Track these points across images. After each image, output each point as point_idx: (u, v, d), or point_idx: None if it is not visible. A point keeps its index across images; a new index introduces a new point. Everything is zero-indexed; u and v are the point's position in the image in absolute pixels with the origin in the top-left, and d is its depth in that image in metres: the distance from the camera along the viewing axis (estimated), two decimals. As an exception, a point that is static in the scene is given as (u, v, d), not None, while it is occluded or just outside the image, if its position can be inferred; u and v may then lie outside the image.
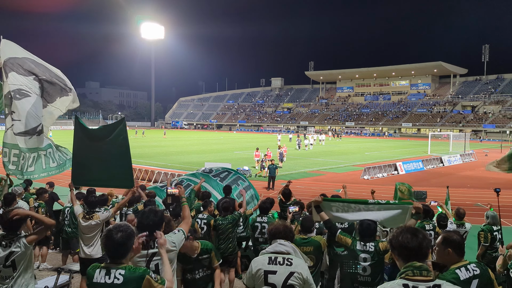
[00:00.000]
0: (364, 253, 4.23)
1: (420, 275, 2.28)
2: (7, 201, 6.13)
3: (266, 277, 3.31)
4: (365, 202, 5.00)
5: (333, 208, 5.01)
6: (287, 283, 3.26)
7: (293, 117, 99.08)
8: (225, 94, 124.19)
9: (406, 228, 2.52)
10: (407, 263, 2.37)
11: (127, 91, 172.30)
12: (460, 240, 3.16)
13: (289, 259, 3.34)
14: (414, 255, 2.39)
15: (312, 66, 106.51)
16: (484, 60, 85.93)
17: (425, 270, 2.30)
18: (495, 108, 75.95)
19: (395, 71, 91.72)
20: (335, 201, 5.13)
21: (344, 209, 4.96)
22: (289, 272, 3.28)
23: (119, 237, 2.83)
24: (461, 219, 6.92)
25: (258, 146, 26.50)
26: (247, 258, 7.67)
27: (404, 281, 2.27)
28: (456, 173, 24.72)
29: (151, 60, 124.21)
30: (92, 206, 5.85)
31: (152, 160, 27.35)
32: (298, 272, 3.28)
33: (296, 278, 3.27)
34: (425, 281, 2.26)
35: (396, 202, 5.05)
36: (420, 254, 2.40)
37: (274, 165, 17.92)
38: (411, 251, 2.40)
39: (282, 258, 3.34)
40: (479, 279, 3.04)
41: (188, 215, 3.95)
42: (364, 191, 17.27)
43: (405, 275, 2.30)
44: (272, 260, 3.35)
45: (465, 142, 38.57)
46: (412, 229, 2.51)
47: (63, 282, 6.00)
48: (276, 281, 3.28)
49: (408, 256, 2.40)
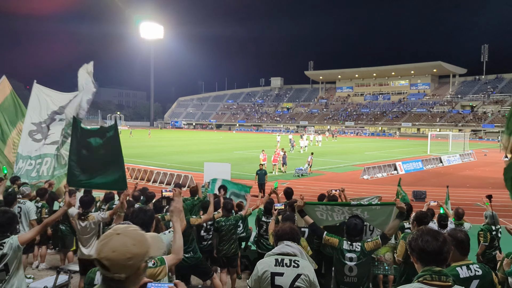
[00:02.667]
0: (351, 252, 4.22)
1: (438, 280, 2.21)
2: (7, 202, 6.12)
3: (273, 279, 3.28)
4: (348, 204, 5.07)
5: (317, 212, 5.06)
6: (294, 285, 3.24)
7: (293, 117, 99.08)
8: (224, 94, 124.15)
9: (427, 231, 2.43)
10: (426, 267, 2.30)
11: (126, 91, 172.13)
12: (463, 239, 3.19)
13: (296, 261, 3.32)
14: (433, 259, 2.31)
15: (311, 66, 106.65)
16: (484, 60, 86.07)
17: (444, 276, 2.23)
18: (494, 108, 76.02)
19: (394, 71, 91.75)
20: (318, 205, 5.18)
21: (328, 212, 5.01)
22: (296, 274, 3.26)
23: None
24: (460, 219, 6.93)
25: (257, 146, 26.51)
26: (247, 258, 7.68)
27: (421, 285, 2.21)
28: (455, 172, 24.74)
29: (150, 60, 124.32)
30: (87, 206, 5.78)
31: (152, 160, 27.33)
32: (305, 274, 3.27)
33: (303, 280, 3.26)
34: (444, 287, 2.19)
35: (378, 203, 5.07)
36: (440, 259, 2.33)
37: (263, 171, 16.46)
38: (430, 255, 2.32)
39: (289, 260, 3.32)
40: (480, 280, 3.03)
41: (182, 217, 3.97)
42: (364, 191, 17.28)
43: (423, 278, 2.23)
44: (278, 262, 3.32)
45: (464, 142, 38.61)
46: (433, 231, 2.42)
47: (62, 282, 6.00)
48: (283, 283, 3.26)
49: (427, 260, 2.33)
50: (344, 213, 4.90)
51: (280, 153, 22.85)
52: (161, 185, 18.13)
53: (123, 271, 1.63)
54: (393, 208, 4.60)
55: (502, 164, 18.13)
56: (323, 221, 5.08)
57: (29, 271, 7.42)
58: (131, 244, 1.64)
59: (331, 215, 5.05)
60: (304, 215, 4.72)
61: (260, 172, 16.16)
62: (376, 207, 4.92)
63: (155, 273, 2.91)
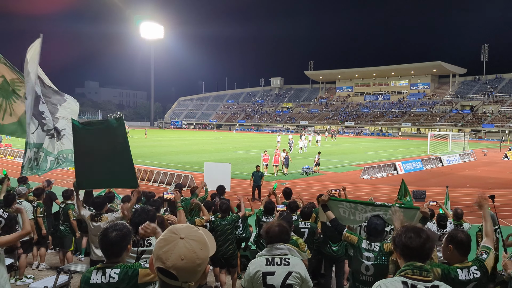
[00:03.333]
0: (369, 252, 4.24)
1: (419, 274, 2.28)
2: (7, 201, 6.13)
3: (265, 278, 3.33)
4: (371, 204, 5.01)
5: (340, 209, 5.02)
6: (286, 283, 3.29)
7: (293, 116, 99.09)
8: (224, 94, 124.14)
9: (411, 228, 2.51)
10: (408, 262, 2.38)
11: (126, 90, 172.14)
12: (464, 240, 3.21)
13: (287, 259, 3.36)
14: (416, 255, 2.38)
15: (311, 66, 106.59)
16: (483, 60, 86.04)
17: (425, 271, 2.30)
18: (494, 107, 76.01)
19: (394, 71, 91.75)
20: (342, 201, 5.14)
21: (351, 210, 4.97)
22: (287, 272, 3.30)
23: (114, 236, 2.87)
24: (459, 219, 6.93)
25: (257, 146, 26.50)
26: (246, 258, 7.70)
27: (403, 278, 2.28)
28: (455, 172, 24.74)
29: (151, 60, 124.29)
30: (99, 207, 5.76)
31: (152, 160, 27.34)
32: (296, 271, 3.31)
33: (294, 278, 3.30)
34: (424, 281, 2.26)
35: (403, 205, 5.04)
36: (422, 255, 2.39)
37: (259, 172, 15.95)
38: (412, 250, 2.39)
39: (279, 259, 3.36)
40: (477, 282, 3.09)
41: (184, 219, 3.98)
42: (364, 191, 17.29)
43: (405, 273, 2.30)
44: (269, 261, 3.37)
45: (464, 142, 38.61)
46: (416, 229, 2.50)
47: (63, 282, 6.00)
48: (274, 282, 3.30)
49: (409, 256, 2.40)
50: (367, 212, 4.87)
51: (281, 154, 22.66)
52: (161, 185, 18.14)
53: (193, 278, 1.51)
54: (416, 212, 4.59)
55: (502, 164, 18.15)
56: (344, 218, 5.05)
57: (29, 271, 7.44)
58: (199, 249, 1.50)
59: (354, 214, 5.01)
60: (327, 210, 4.70)
61: (256, 174, 15.75)
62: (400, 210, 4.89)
63: (151, 273, 2.90)
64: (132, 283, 2.83)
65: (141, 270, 2.87)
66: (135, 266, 2.91)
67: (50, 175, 10.12)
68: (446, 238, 3.32)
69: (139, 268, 2.89)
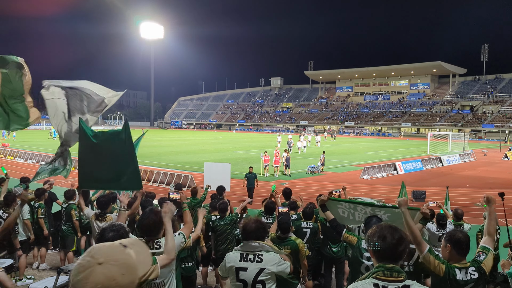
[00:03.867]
0: (368, 252, 4.23)
1: (390, 276, 2.25)
2: (7, 201, 6.13)
3: (238, 273, 3.41)
4: (371, 205, 4.98)
5: (339, 209, 4.99)
6: (258, 279, 3.35)
7: (293, 116, 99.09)
8: (224, 94, 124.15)
9: (385, 227, 2.44)
10: (379, 263, 2.34)
11: (126, 90, 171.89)
12: (462, 240, 3.22)
13: (260, 255, 3.41)
14: (387, 257, 2.33)
15: (311, 65, 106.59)
16: (483, 60, 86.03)
17: (396, 271, 2.27)
18: (494, 108, 76.01)
19: (394, 71, 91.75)
20: (341, 202, 5.11)
21: (350, 211, 4.94)
22: (259, 269, 3.36)
23: (111, 236, 2.85)
24: (459, 219, 6.94)
25: (257, 146, 26.49)
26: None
27: (374, 280, 2.25)
28: (455, 173, 24.75)
29: (151, 60, 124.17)
30: (104, 207, 5.75)
31: (152, 160, 27.33)
32: (268, 267, 3.37)
33: (266, 274, 3.36)
34: (395, 281, 2.23)
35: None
36: (394, 256, 2.34)
37: (253, 174, 15.44)
38: (384, 252, 2.34)
39: (253, 255, 3.43)
40: (474, 283, 3.11)
41: (190, 220, 3.96)
42: (364, 191, 17.29)
43: (376, 275, 2.28)
44: (243, 257, 3.44)
45: (464, 142, 38.62)
46: (390, 229, 2.41)
47: (63, 283, 6.00)
48: (246, 278, 3.37)
49: (381, 257, 2.35)
50: (367, 213, 4.84)
51: (283, 154, 22.57)
52: (161, 185, 18.15)
53: None
54: (416, 213, 4.58)
55: (501, 164, 18.18)
56: (344, 218, 5.02)
57: (29, 271, 7.44)
58: (120, 275, 1.30)
59: (353, 214, 4.98)
60: (326, 210, 4.69)
61: (250, 175, 15.30)
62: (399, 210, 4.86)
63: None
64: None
65: None
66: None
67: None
68: (445, 237, 3.35)
69: None
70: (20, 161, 27.28)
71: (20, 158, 27.91)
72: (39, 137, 50.84)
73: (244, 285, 3.39)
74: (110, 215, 5.65)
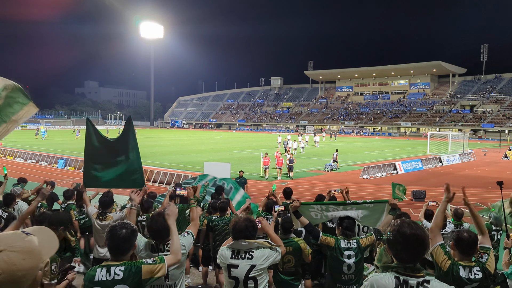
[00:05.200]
0: (349, 250, 4.34)
1: (411, 271, 2.32)
2: (6, 201, 6.12)
3: (229, 270, 3.44)
4: (343, 204, 5.16)
5: (312, 212, 5.10)
6: (249, 275, 3.39)
7: (293, 116, 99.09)
8: (224, 94, 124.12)
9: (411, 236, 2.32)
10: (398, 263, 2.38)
11: (126, 90, 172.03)
12: (466, 239, 3.28)
13: (251, 252, 3.45)
14: (409, 261, 2.35)
15: (311, 65, 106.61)
16: (483, 60, 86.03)
17: (416, 270, 2.34)
18: (493, 107, 76.02)
19: (394, 71, 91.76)
20: (313, 205, 5.21)
21: (323, 213, 5.08)
22: (250, 265, 3.40)
23: (124, 233, 2.90)
24: (459, 219, 6.92)
25: (257, 145, 26.47)
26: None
27: (396, 274, 2.32)
28: (455, 172, 24.76)
29: (151, 60, 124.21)
30: (106, 206, 5.75)
31: (152, 160, 27.32)
32: (259, 264, 3.41)
33: (257, 270, 3.40)
34: (416, 277, 2.30)
35: (372, 201, 5.14)
36: (415, 261, 2.36)
37: (243, 179, 14.88)
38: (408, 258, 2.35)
39: (244, 252, 3.46)
40: (479, 283, 3.14)
41: (197, 217, 3.92)
42: (364, 190, 17.29)
43: (397, 269, 2.35)
44: (235, 254, 3.47)
45: (464, 142, 38.62)
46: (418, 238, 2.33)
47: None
48: (238, 275, 3.41)
49: (402, 260, 2.36)
50: (339, 210, 4.98)
51: (287, 157, 22.39)
52: (161, 185, 18.16)
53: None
54: (385, 205, 4.77)
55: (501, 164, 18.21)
56: (317, 220, 5.16)
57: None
58: (20, 260, 1.37)
59: (326, 215, 5.12)
60: (300, 216, 4.75)
61: (240, 180, 14.14)
62: (370, 205, 4.99)
63: (154, 269, 2.94)
64: (136, 280, 2.87)
65: (144, 267, 2.92)
66: (138, 263, 2.94)
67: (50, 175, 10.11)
68: (453, 236, 3.50)
69: (142, 264, 2.93)
70: (19, 161, 27.29)
71: (20, 158, 27.91)
72: (25, 136, 50.81)
73: (236, 282, 3.43)
74: (110, 214, 5.69)
